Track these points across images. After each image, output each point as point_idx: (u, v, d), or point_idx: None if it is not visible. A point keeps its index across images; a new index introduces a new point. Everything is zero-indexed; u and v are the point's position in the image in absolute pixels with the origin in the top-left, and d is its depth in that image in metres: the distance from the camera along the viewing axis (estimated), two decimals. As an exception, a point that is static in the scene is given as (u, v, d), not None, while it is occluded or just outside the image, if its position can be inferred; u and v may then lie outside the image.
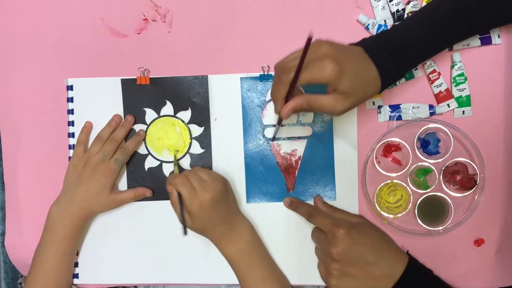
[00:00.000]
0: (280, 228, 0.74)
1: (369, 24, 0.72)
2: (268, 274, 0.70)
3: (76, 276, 0.76)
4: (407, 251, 0.69)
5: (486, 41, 0.72)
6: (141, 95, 0.75)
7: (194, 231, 0.69)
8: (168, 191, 0.67)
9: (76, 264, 0.76)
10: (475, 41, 0.72)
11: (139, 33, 0.75)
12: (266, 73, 0.74)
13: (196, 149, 0.75)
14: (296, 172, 0.74)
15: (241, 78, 0.74)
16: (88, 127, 0.75)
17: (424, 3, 0.72)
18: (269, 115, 0.75)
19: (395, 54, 0.61)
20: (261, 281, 0.68)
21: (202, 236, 0.70)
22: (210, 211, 0.66)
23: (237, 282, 0.71)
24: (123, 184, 0.76)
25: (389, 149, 0.73)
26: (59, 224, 0.70)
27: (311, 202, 0.74)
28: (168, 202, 0.69)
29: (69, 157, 0.76)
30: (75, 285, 0.77)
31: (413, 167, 0.71)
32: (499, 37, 0.72)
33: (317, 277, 0.73)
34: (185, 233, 0.66)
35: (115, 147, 0.72)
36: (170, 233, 0.75)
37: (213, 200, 0.66)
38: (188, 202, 0.65)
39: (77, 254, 0.76)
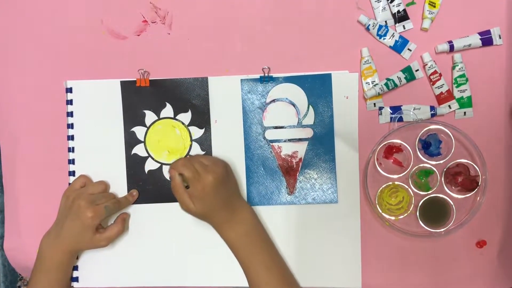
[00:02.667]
0: (281, 231, 0.74)
1: (369, 24, 0.72)
2: (272, 262, 0.69)
3: (75, 279, 0.76)
4: None
5: (487, 41, 0.71)
6: (141, 97, 0.74)
7: (195, 216, 0.69)
8: (170, 175, 0.68)
9: (75, 268, 0.76)
10: (476, 41, 0.71)
11: (138, 35, 0.75)
12: (266, 74, 0.74)
13: (197, 151, 0.75)
14: (297, 174, 0.74)
15: (241, 80, 0.74)
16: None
17: (426, 5, 0.71)
18: (270, 117, 0.74)
19: None
20: (265, 268, 0.68)
21: (202, 231, 0.71)
22: (213, 194, 0.66)
23: (238, 285, 0.70)
24: (123, 188, 0.75)
25: (390, 150, 0.73)
26: (46, 256, 0.70)
27: (311, 206, 0.74)
28: (168, 204, 0.69)
29: (68, 160, 0.76)
30: (75, 288, 0.76)
31: (414, 168, 0.71)
32: (500, 37, 0.72)
33: (320, 280, 0.72)
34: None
35: (109, 199, 0.71)
36: (171, 236, 0.75)
37: (216, 183, 0.66)
38: (191, 185, 0.66)
39: (77, 258, 0.76)
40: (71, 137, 0.76)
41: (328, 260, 0.73)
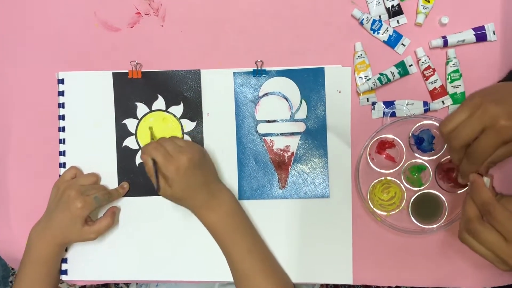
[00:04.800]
0: (272, 225, 0.74)
1: (363, 19, 0.72)
2: (253, 245, 0.68)
3: (64, 272, 0.75)
4: None
5: (481, 37, 0.71)
6: (133, 89, 0.74)
7: (173, 200, 0.67)
8: (143, 161, 0.65)
9: (65, 260, 0.75)
10: (470, 37, 0.71)
11: (131, 27, 0.75)
12: (259, 68, 0.73)
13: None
14: (289, 169, 0.74)
15: (234, 73, 0.73)
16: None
17: (421, 0, 0.71)
18: (262, 111, 0.74)
19: None
20: (247, 252, 0.67)
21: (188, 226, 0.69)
22: (188, 176, 0.64)
23: (231, 279, 0.70)
24: (113, 180, 0.75)
25: (383, 146, 0.72)
26: (35, 247, 0.69)
27: (302, 200, 0.73)
28: (159, 197, 0.68)
29: (59, 151, 0.76)
30: (64, 281, 0.76)
31: (406, 164, 0.71)
32: (494, 33, 0.71)
33: (310, 275, 0.72)
34: (158, 191, 0.65)
35: (99, 191, 0.71)
36: (162, 229, 0.75)
37: (190, 164, 0.64)
38: (163, 167, 0.63)
39: (66, 250, 0.75)
40: (62, 129, 0.75)
41: (319, 255, 0.73)
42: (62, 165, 0.75)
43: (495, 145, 0.54)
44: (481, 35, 0.71)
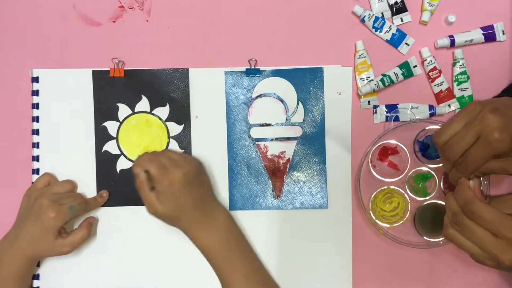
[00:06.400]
0: (265, 238, 0.71)
1: (365, 16, 0.70)
2: (251, 270, 0.65)
3: (36, 290, 0.72)
4: None
5: (490, 37, 0.69)
6: (114, 88, 0.71)
7: (163, 220, 0.63)
8: (134, 173, 0.62)
9: (36, 277, 0.71)
10: (479, 37, 0.69)
11: (114, 22, 0.72)
12: (253, 67, 0.71)
13: (175, 149, 0.71)
14: (284, 177, 0.71)
15: (225, 72, 0.71)
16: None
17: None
18: (256, 114, 0.71)
19: None
20: (244, 277, 0.63)
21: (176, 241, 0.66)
22: (183, 192, 0.61)
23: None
24: (92, 189, 0.71)
25: (385, 152, 0.70)
26: (3, 263, 0.65)
27: (298, 211, 0.71)
28: (142, 208, 0.64)
29: (32, 157, 0.72)
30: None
31: (411, 172, 0.69)
32: (503, 33, 0.70)
33: (305, 291, 0.69)
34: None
35: (75, 199, 0.67)
36: (144, 242, 0.72)
37: (186, 179, 0.61)
38: (157, 182, 0.61)
39: (38, 265, 0.71)
40: (36, 132, 0.72)
41: (317, 270, 0.71)
42: (35, 171, 0.72)
43: (485, 158, 0.52)
44: (490, 35, 0.69)
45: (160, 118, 0.71)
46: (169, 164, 0.62)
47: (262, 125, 0.71)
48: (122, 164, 0.71)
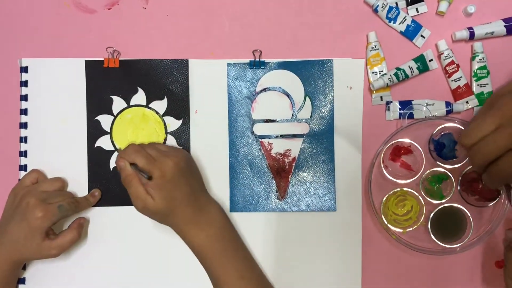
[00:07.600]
0: (269, 242, 0.69)
1: (378, 6, 0.67)
2: (246, 271, 0.64)
3: (22, 295, 0.70)
4: None
5: None
6: (108, 80, 0.70)
7: (153, 216, 0.62)
8: (119, 167, 0.61)
9: (22, 281, 0.69)
10: (500, 29, 0.67)
11: (109, 9, 0.71)
12: (257, 59, 0.69)
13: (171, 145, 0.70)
14: (290, 177, 0.69)
15: (227, 64, 0.70)
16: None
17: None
18: (259, 109, 0.69)
19: None
20: (238, 279, 0.62)
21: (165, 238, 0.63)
22: (174, 184, 0.60)
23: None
24: (83, 187, 0.69)
25: (398, 152, 0.68)
26: None
27: (304, 213, 0.68)
28: (133, 208, 0.62)
29: (20, 152, 0.70)
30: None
31: (425, 173, 0.67)
32: None
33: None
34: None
35: (65, 198, 0.65)
36: (137, 245, 0.70)
37: (177, 169, 0.60)
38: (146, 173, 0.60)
39: (24, 269, 0.69)
40: (24, 125, 0.70)
41: (323, 278, 0.69)
42: (23, 167, 0.70)
43: None
44: (512, 27, 0.68)
45: (157, 112, 0.70)
46: (157, 154, 0.61)
47: (266, 121, 0.69)
48: (116, 161, 0.70)
